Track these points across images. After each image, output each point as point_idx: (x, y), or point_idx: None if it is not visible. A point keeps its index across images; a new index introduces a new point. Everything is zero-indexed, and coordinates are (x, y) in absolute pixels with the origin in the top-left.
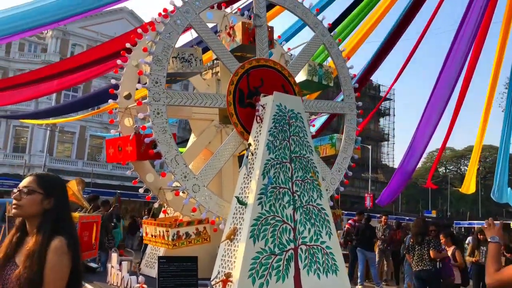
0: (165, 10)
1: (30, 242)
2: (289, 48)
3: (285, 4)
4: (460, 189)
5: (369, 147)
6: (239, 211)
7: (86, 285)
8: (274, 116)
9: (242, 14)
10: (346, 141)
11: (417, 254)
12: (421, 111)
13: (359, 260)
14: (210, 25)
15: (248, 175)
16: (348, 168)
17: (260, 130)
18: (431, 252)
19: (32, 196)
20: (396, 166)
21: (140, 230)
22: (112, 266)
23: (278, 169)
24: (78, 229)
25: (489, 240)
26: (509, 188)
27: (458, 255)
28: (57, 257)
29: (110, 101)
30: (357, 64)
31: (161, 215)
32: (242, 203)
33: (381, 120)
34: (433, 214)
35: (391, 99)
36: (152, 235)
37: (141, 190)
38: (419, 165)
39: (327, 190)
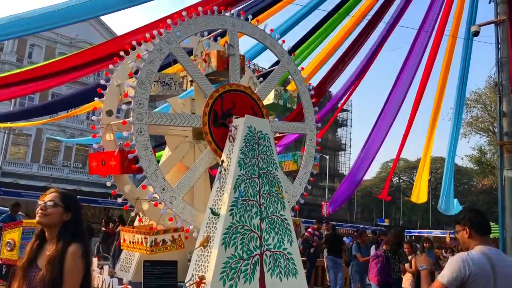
0: (142, 38)
1: (50, 248)
2: (257, 71)
3: (255, 35)
4: (410, 199)
5: (327, 156)
6: (212, 220)
7: None
8: (245, 136)
9: (215, 40)
10: (307, 158)
11: (392, 262)
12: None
13: (330, 268)
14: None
15: (220, 189)
16: (308, 182)
17: (232, 149)
18: (401, 266)
19: (55, 209)
20: None
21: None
22: (92, 270)
23: (248, 183)
24: None
25: (419, 268)
26: (455, 200)
27: (413, 262)
28: (73, 261)
29: (96, 99)
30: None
31: (137, 223)
32: (215, 213)
33: (339, 130)
34: (386, 222)
35: (349, 111)
36: (130, 242)
37: (119, 200)
38: (374, 174)
39: (289, 202)
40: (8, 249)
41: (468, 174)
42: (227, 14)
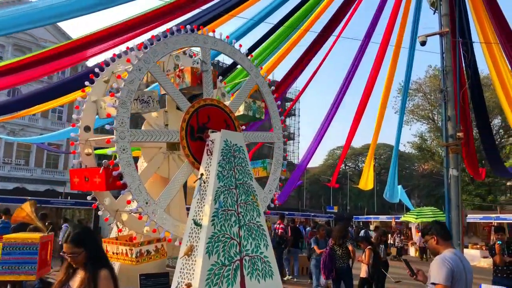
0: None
1: (82, 273)
2: (224, 82)
3: (226, 51)
4: (358, 186)
5: None
6: (194, 231)
7: None
8: (222, 150)
9: (184, 53)
10: (275, 164)
11: (338, 254)
12: (323, 112)
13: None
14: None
15: (201, 200)
16: (276, 187)
17: (210, 162)
18: (349, 246)
19: (79, 255)
20: None
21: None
22: None
23: (226, 194)
24: (39, 248)
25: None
26: (399, 186)
27: (367, 253)
28: (106, 282)
29: (86, 83)
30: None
31: (113, 234)
32: (198, 224)
33: (287, 120)
34: (335, 209)
35: (297, 101)
36: (113, 253)
37: (100, 212)
38: (321, 162)
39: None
40: None
41: (410, 159)
42: (200, 32)
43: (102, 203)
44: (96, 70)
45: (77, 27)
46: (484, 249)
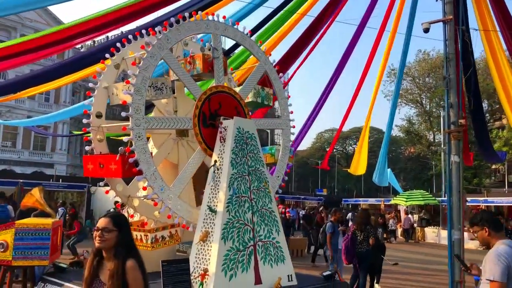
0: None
1: (109, 264)
2: (231, 68)
3: (236, 38)
4: (349, 170)
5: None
6: (209, 217)
7: (67, 284)
8: (235, 137)
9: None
10: (283, 151)
11: (359, 239)
12: (311, 95)
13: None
14: None
15: (215, 187)
16: (284, 173)
17: (223, 149)
18: (370, 239)
19: (111, 234)
20: None
21: None
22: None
23: (240, 181)
24: (51, 234)
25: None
26: (388, 170)
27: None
28: (133, 274)
29: (97, 68)
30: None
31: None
32: (213, 210)
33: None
34: (324, 192)
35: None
36: None
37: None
38: (309, 145)
39: None
40: (1, 250)
41: (397, 142)
42: (210, 18)
43: (114, 189)
44: (107, 55)
45: (64, 6)
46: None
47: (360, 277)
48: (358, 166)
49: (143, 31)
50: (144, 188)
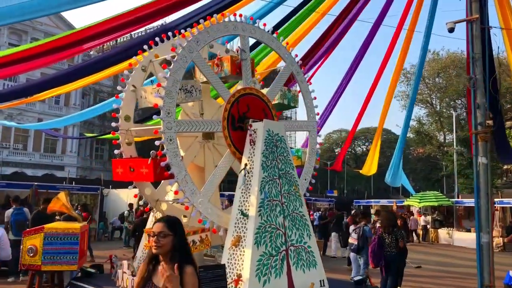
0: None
1: (164, 269)
2: (255, 69)
3: (263, 39)
4: (361, 171)
5: None
6: (241, 221)
7: None
8: (265, 139)
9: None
10: (310, 153)
11: (386, 242)
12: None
13: None
14: None
15: (246, 191)
16: (312, 176)
17: (253, 152)
18: (400, 242)
19: (167, 239)
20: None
21: None
22: (124, 272)
23: (271, 184)
24: (80, 238)
25: None
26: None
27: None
28: (193, 279)
29: (125, 72)
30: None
31: (150, 224)
32: (245, 215)
33: None
34: (335, 193)
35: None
36: None
37: (141, 202)
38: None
39: None
40: (31, 255)
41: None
42: (238, 19)
43: (143, 193)
44: (135, 58)
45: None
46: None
47: (389, 281)
48: (371, 167)
49: (169, 33)
50: (176, 192)
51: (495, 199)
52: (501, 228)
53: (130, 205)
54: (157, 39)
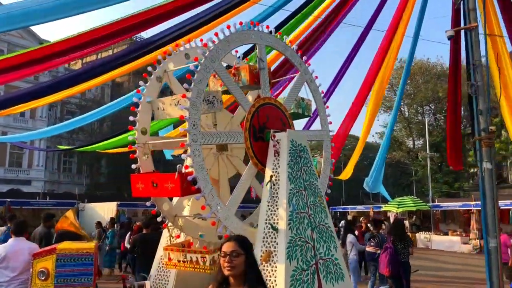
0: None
1: None
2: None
3: (279, 48)
4: (339, 177)
5: None
6: (270, 235)
7: None
8: (289, 150)
9: None
10: (325, 163)
11: (399, 249)
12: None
13: None
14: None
15: (273, 204)
16: (327, 186)
17: (278, 163)
18: (411, 249)
19: (239, 258)
20: None
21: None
22: None
23: (298, 196)
24: (94, 258)
25: None
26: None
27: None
28: None
29: (140, 82)
30: None
31: (164, 240)
32: (275, 228)
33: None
34: None
35: None
36: (179, 261)
37: (159, 219)
38: None
39: None
40: (42, 278)
41: (375, 148)
42: (255, 28)
43: (160, 208)
44: (149, 68)
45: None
46: (464, 235)
47: (405, 287)
48: (348, 172)
49: (182, 42)
50: (203, 207)
51: (472, 202)
52: (477, 230)
53: (99, 223)
54: (170, 48)
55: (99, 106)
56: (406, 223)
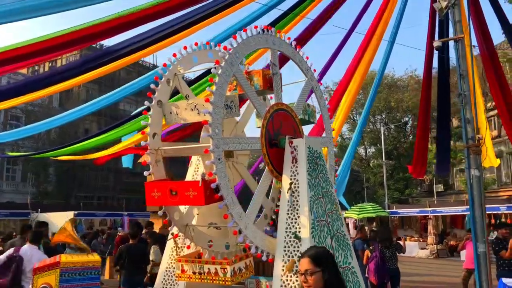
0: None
1: None
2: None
3: (288, 53)
4: None
5: None
6: (292, 244)
7: None
8: (307, 157)
9: None
10: (330, 170)
11: (387, 256)
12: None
13: None
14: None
15: (293, 212)
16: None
17: (296, 170)
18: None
19: (315, 276)
20: None
21: None
22: None
23: (317, 204)
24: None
25: None
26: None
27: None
28: None
29: (152, 85)
30: None
31: (169, 251)
32: (298, 237)
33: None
34: None
35: None
36: (194, 272)
37: (171, 229)
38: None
39: None
40: None
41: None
42: (269, 32)
43: (172, 218)
44: (160, 71)
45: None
46: (421, 240)
47: None
48: None
49: (190, 44)
50: (225, 216)
51: (429, 209)
52: (434, 235)
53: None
54: (180, 50)
55: (47, 111)
56: (366, 229)
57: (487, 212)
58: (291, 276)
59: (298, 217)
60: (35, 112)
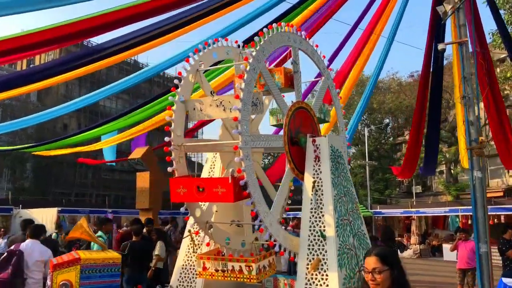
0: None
1: None
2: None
3: (308, 51)
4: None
5: None
6: (317, 243)
7: None
8: (330, 155)
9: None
10: None
11: None
12: None
13: None
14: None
15: (317, 210)
16: None
17: (319, 169)
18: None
19: (383, 274)
20: None
21: None
22: None
23: (340, 203)
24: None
25: None
26: None
27: None
28: None
29: (175, 81)
30: None
31: (185, 247)
32: (323, 236)
33: None
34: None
35: None
36: (217, 270)
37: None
38: None
39: None
40: None
41: None
42: (291, 30)
43: (193, 215)
44: (183, 69)
45: None
46: (405, 241)
47: None
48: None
49: (210, 41)
50: (253, 214)
51: (413, 209)
52: (417, 236)
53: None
54: (200, 46)
55: (25, 105)
56: None
57: (464, 214)
58: (316, 275)
59: (323, 215)
60: (12, 106)
